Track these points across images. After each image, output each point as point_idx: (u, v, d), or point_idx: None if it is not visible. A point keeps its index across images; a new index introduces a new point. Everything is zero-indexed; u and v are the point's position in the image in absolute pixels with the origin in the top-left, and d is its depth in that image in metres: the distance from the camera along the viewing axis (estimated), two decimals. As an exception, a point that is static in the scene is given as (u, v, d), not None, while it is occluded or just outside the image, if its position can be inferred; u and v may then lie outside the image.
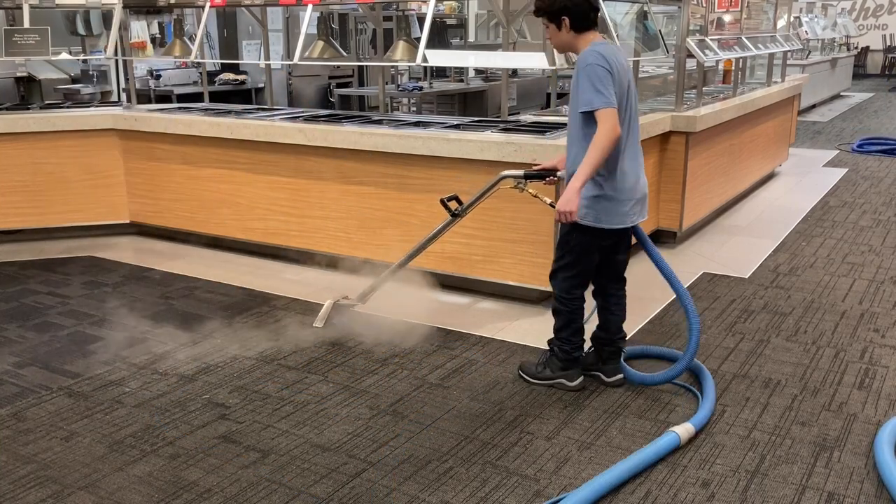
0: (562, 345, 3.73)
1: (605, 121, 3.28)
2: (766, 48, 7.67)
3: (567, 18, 3.40)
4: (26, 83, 8.72)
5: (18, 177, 6.06)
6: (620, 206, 3.48)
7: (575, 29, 3.42)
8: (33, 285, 5.28)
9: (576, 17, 3.40)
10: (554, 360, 3.75)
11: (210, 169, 5.82)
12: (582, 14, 3.40)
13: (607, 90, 3.28)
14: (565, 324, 3.72)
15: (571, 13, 3.39)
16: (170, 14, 9.27)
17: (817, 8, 16.47)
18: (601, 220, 3.48)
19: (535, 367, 3.80)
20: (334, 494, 2.93)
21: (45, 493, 2.95)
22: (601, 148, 3.28)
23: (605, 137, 3.27)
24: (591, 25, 3.44)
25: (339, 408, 3.57)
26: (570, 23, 3.41)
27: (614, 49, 3.43)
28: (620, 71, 3.37)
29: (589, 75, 3.30)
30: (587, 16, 3.41)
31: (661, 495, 2.91)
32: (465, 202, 4.10)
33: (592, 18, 3.44)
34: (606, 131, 3.27)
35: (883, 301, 4.88)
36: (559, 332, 3.75)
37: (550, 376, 3.75)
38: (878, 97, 17.21)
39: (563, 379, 3.72)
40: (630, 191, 3.49)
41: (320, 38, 6.15)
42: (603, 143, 3.27)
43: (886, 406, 3.56)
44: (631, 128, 3.49)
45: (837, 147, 10.68)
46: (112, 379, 3.89)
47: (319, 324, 4.46)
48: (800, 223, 6.73)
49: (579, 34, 3.44)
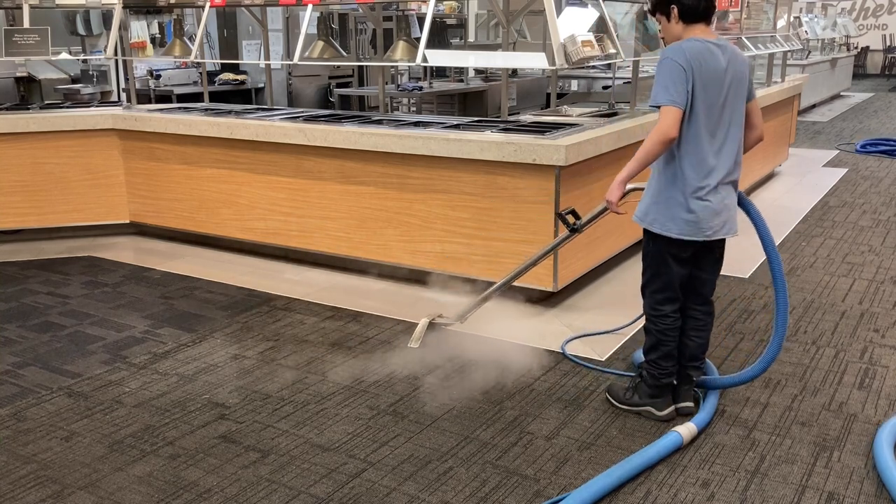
0: (650, 369, 3.44)
1: (662, 118, 3.10)
2: (766, 48, 7.67)
3: (675, 7, 3.21)
4: (26, 83, 8.71)
5: (18, 177, 6.06)
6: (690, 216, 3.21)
7: (684, 19, 3.22)
8: (33, 285, 5.28)
9: (685, 7, 3.20)
10: (643, 386, 3.48)
11: (210, 169, 5.82)
12: (691, 5, 3.19)
13: (676, 88, 3.09)
14: (653, 345, 3.43)
15: (680, 2, 3.20)
16: (170, 14, 9.26)
17: (817, 8, 16.49)
18: (670, 230, 3.25)
19: (623, 392, 3.55)
20: (334, 494, 2.93)
21: (45, 493, 2.95)
22: (648, 147, 3.12)
23: (655, 136, 3.10)
24: (700, 18, 3.21)
25: (339, 408, 3.57)
26: (678, 12, 3.22)
27: (707, 47, 3.16)
28: (705, 70, 3.13)
29: (661, 70, 3.13)
30: (696, 6, 3.20)
31: (661, 495, 2.91)
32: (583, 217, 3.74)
33: (703, 10, 3.20)
34: (658, 130, 3.10)
35: (883, 301, 4.88)
36: (648, 353, 3.46)
37: (638, 402, 3.48)
38: (878, 97, 17.21)
39: (651, 407, 3.44)
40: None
41: (320, 38, 6.15)
42: (651, 142, 3.11)
43: (886, 406, 3.56)
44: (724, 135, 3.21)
45: (837, 147, 10.68)
46: (112, 379, 3.89)
47: (415, 344, 4.15)
48: (800, 223, 6.73)
49: (688, 25, 3.23)
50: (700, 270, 3.40)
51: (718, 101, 3.18)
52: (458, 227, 4.87)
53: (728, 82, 3.19)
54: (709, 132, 3.19)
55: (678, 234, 3.24)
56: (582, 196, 4.67)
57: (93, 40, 9.34)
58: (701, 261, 3.39)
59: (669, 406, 3.44)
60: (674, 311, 3.39)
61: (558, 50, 4.66)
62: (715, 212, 3.22)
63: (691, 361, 3.46)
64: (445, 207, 4.87)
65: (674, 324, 3.40)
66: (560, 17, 5.17)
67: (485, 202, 4.73)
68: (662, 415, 3.43)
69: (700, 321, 3.45)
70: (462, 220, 4.84)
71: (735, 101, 3.23)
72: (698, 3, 3.19)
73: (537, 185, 4.50)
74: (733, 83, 3.20)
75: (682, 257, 3.32)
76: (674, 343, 3.41)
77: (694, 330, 3.44)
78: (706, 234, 3.24)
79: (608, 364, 3.99)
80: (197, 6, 6.75)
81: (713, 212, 3.22)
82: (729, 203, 3.27)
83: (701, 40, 3.18)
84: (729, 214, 3.28)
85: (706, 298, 3.45)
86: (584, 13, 5.57)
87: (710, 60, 3.15)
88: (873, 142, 10.58)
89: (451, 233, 4.90)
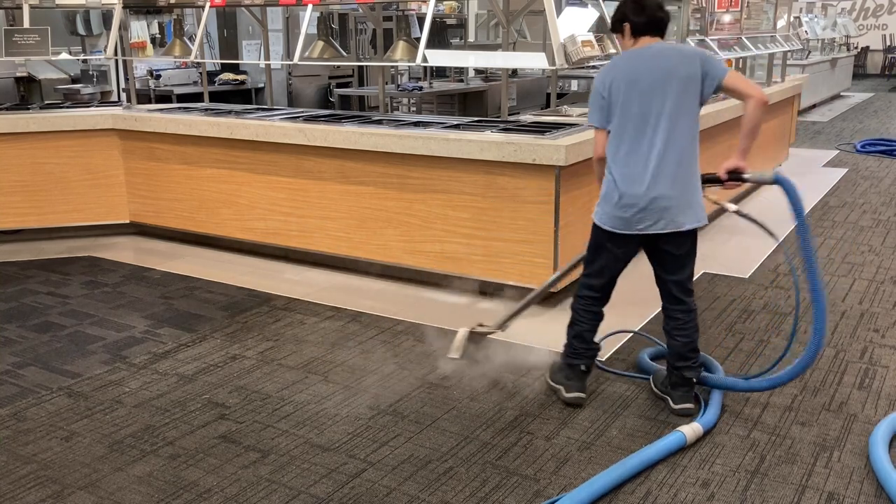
0: (565, 346, 3.66)
1: (594, 139, 3.52)
2: (766, 48, 7.67)
3: (628, 25, 3.42)
4: (26, 83, 8.72)
5: (18, 177, 6.06)
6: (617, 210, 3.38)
7: (635, 35, 3.43)
8: (33, 285, 5.28)
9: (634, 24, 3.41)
10: (563, 366, 3.66)
11: (210, 169, 5.82)
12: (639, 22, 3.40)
13: (594, 109, 3.45)
14: (569, 323, 3.64)
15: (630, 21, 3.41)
16: (170, 14, 9.26)
17: (817, 8, 16.49)
18: (604, 222, 3.44)
19: (552, 366, 3.76)
20: (334, 494, 2.93)
21: (45, 493, 2.95)
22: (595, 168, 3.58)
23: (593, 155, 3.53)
24: (647, 32, 3.40)
25: (339, 408, 3.57)
26: (630, 29, 3.42)
27: (639, 55, 3.37)
28: (631, 77, 3.32)
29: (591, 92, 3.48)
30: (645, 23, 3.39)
31: (661, 495, 2.91)
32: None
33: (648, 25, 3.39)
34: (593, 150, 3.52)
35: (883, 301, 4.88)
36: (567, 330, 3.66)
37: (555, 381, 3.67)
38: (878, 97, 17.21)
39: (562, 387, 3.61)
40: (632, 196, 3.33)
41: (320, 38, 6.15)
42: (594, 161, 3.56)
43: (886, 406, 3.56)
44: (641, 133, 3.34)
45: (837, 147, 10.68)
46: (112, 379, 3.89)
47: (456, 355, 3.92)
48: (800, 223, 6.72)
49: (638, 39, 3.43)
50: (661, 270, 3.49)
51: (651, 102, 3.31)
52: (458, 227, 4.87)
53: (662, 81, 3.31)
54: (635, 130, 3.35)
55: (611, 227, 3.42)
56: (582, 196, 4.67)
57: (93, 40, 9.34)
58: (655, 260, 3.48)
59: (576, 391, 3.56)
60: (591, 296, 3.57)
61: (558, 50, 4.67)
62: (643, 209, 3.33)
63: (680, 361, 3.49)
64: (445, 207, 4.87)
65: (588, 307, 3.58)
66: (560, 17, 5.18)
67: (485, 202, 4.74)
68: (568, 397, 3.56)
69: (680, 321, 3.49)
70: (462, 220, 4.84)
71: (676, 97, 3.31)
72: (646, 19, 3.39)
73: (537, 185, 4.50)
74: (670, 81, 3.30)
75: (615, 250, 3.47)
76: (586, 326, 3.58)
77: (676, 330, 3.50)
78: (637, 228, 3.37)
79: (610, 364, 3.99)
80: (197, 6, 6.75)
81: (641, 209, 3.33)
82: (665, 199, 3.32)
83: (634, 50, 3.41)
84: (665, 212, 3.33)
85: (680, 299, 3.48)
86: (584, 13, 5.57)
87: (638, 67, 3.34)
88: (873, 142, 10.58)
89: (451, 233, 4.90)
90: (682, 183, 3.33)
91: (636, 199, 3.33)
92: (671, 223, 3.33)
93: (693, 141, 3.37)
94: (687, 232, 3.37)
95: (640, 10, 3.38)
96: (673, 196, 3.32)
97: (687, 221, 3.35)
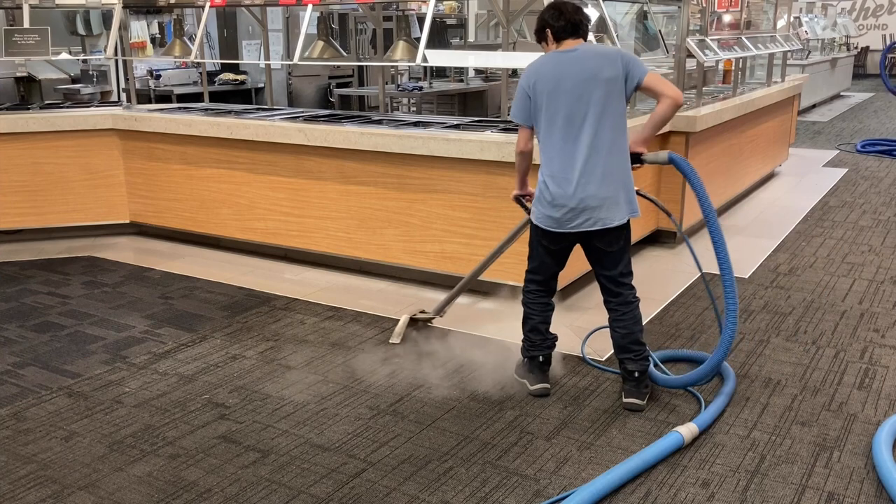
0: (523, 342, 3.77)
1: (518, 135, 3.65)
2: (766, 48, 7.67)
3: (549, 30, 3.54)
4: (26, 83, 8.71)
5: (18, 177, 6.06)
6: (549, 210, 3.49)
7: (557, 40, 3.53)
8: (33, 285, 5.28)
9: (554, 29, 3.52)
10: (523, 359, 3.79)
11: (210, 169, 5.82)
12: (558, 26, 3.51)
13: (518, 107, 3.54)
14: (522, 319, 3.75)
15: (551, 26, 3.53)
16: (170, 14, 9.27)
17: (817, 8, 16.48)
18: (540, 221, 3.55)
19: (517, 362, 3.85)
20: (334, 494, 2.93)
21: (45, 493, 2.95)
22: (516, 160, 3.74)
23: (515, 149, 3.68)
24: (567, 36, 3.50)
25: (339, 408, 3.57)
26: (552, 34, 3.54)
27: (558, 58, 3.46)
28: (552, 79, 3.41)
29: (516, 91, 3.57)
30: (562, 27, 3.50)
31: (661, 495, 2.91)
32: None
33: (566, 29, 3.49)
34: (516, 145, 3.66)
35: (883, 301, 4.88)
36: (522, 327, 3.77)
37: (519, 375, 3.79)
38: (878, 97, 17.21)
39: (526, 380, 3.72)
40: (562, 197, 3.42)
41: (320, 38, 6.14)
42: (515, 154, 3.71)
43: (886, 406, 3.56)
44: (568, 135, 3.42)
45: (837, 147, 10.68)
46: (112, 379, 3.89)
47: (396, 340, 4.26)
48: (800, 223, 6.73)
49: (560, 43, 3.53)
50: (596, 266, 3.60)
51: (576, 104, 3.39)
52: (458, 227, 4.87)
53: (586, 84, 3.38)
54: (562, 133, 3.43)
55: (545, 226, 3.53)
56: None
57: (93, 40, 9.34)
58: (590, 256, 3.59)
59: (539, 382, 3.67)
60: (536, 289, 3.70)
61: (558, 50, 4.66)
62: (572, 209, 3.42)
63: (622, 353, 3.59)
64: (445, 207, 4.87)
65: (535, 299, 3.70)
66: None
67: (485, 202, 4.74)
68: (533, 389, 3.66)
69: (618, 312, 3.58)
70: (462, 220, 4.84)
71: (601, 99, 3.39)
72: (564, 23, 3.48)
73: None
74: (594, 83, 3.38)
75: (550, 247, 3.59)
76: (538, 318, 3.70)
77: (615, 321, 3.60)
78: (569, 226, 3.47)
79: (611, 364, 3.99)
80: (197, 6, 6.75)
81: (571, 209, 3.43)
82: (593, 199, 3.41)
83: (557, 52, 3.49)
84: (594, 210, 3.42)
85: (615, 292, 3.57)
86: (583, 13, 5.56)
87: (562, 70, 3.42)
88: (873, 142, 10.58)
89: (451, 233, 4.91)
90: (610, 182, 3.42)
91: (566, 200, 3.43)
92: (599, 221, 3.43)
93: (621, 139, 3.46)
94: (617, 228, 3.47)
95: (559, 16, 3.49)
96: (601, 195, 3.41)
97: (616, 218, 3.44)
